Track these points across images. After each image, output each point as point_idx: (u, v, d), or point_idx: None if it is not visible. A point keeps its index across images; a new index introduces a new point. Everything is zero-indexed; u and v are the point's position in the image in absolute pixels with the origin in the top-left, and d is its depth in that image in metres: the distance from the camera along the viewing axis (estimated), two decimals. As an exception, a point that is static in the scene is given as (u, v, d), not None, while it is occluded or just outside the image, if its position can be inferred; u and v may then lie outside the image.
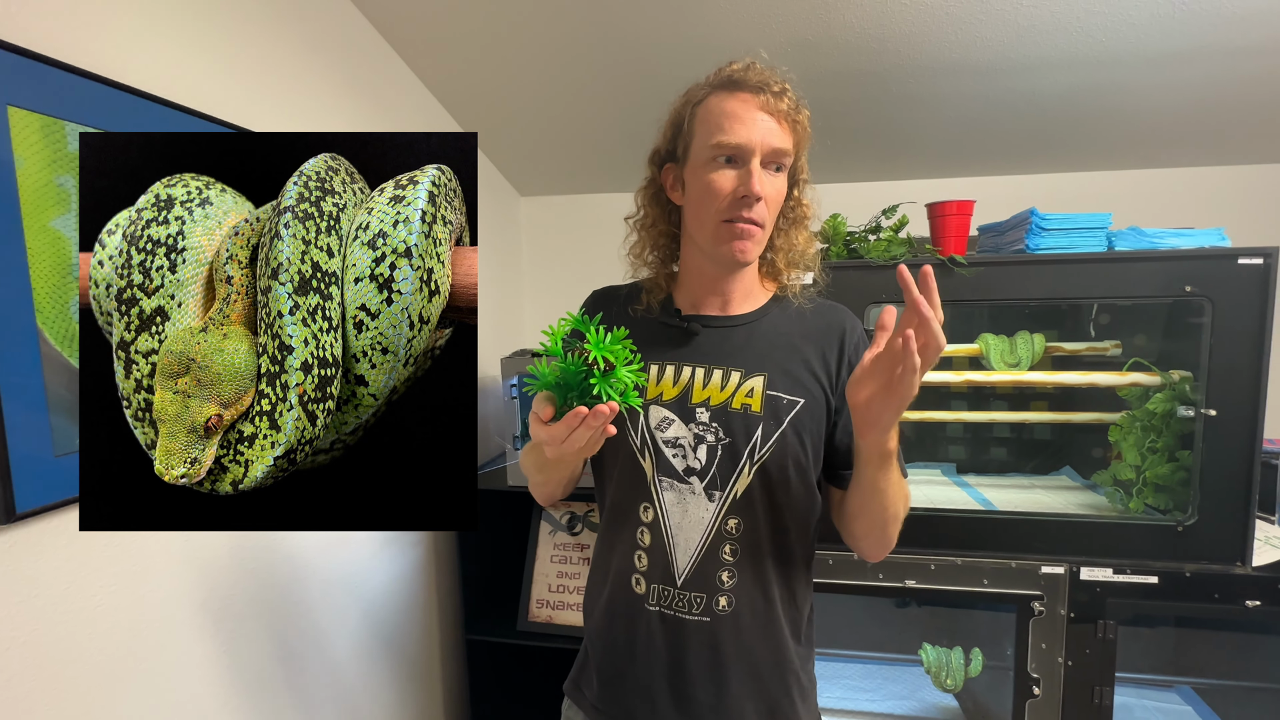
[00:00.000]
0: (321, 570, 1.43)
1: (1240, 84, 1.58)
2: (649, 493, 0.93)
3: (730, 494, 0.90)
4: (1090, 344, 1.73)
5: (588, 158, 2.11)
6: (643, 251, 1.01)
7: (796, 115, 0.88)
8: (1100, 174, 2.00)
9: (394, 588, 1.70)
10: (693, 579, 0.91)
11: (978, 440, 2.03)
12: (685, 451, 0.92)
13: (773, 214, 0.90)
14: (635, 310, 1.00)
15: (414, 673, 1.80)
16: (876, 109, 1.75)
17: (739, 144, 0.85)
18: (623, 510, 0.96)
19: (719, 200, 0.87)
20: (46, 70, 0.87)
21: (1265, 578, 1.43)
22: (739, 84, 0.88)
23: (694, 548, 0.91)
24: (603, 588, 0.99)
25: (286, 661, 1.33)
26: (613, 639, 0.97)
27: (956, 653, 1.67)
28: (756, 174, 0.85)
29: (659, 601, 0.92)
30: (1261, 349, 1.38)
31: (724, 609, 0.90)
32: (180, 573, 1.09)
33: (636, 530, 0.94)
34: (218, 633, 1.16)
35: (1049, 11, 1.39)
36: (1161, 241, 1.44)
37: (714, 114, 0.88)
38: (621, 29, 1.51)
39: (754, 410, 0.91)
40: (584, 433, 0.70)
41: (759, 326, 0.96)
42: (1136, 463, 1.57)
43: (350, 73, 1.47)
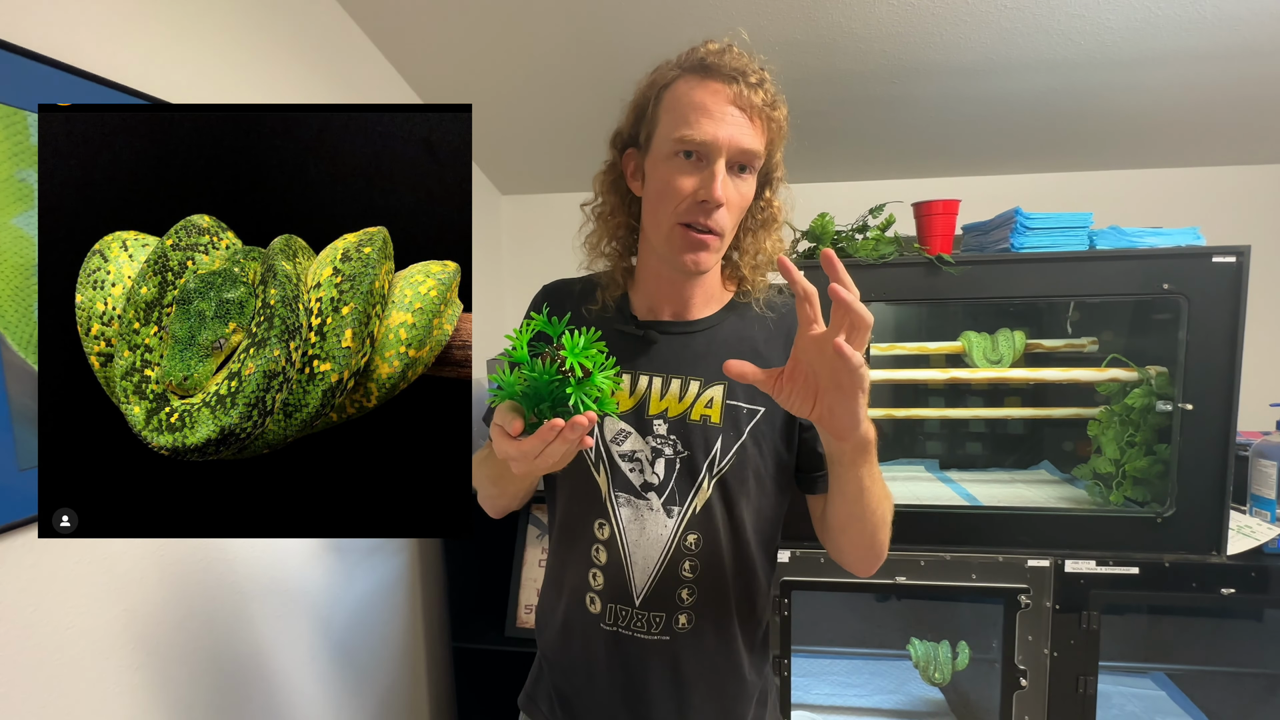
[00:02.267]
0: (299, 581, 1.39)
1: (1214, 88, 1.64)
2: (604, 509, 0.88)
3: (690, 509, 0.86)
4: (1068, 341, 1.77)
5: (570, 156, 2.10)
6: (599, 242, 0.94)
7: (772, 111, 0.81)
8: (1079, 174, 2.05)
9: (378, 595, 1.67)
10: (651, 598, 0.86)
11: (955, 436, 2.06)
12: (642, 466, 0.87)
13: (735, 219, 0.84)
14: (590, 310, 0.94)
15: (398, 683, 1.76)
16: (863, 109, 1.77)
17: (703, 141, 0.78)
18: (576, 527, 0.91)
19: (676, 200, 0.81)
20: (6, 56, 0.81)
21: (1239, 566, 1.47)
22: (711, 70, 0.80)
23: (652, 566, 0.86)
24: (556, 605, 0.95)
25: (267, 671, 1.29)
26: (569, 659, 0.93)
27: (944, 646, 1.69)
28: (719, 177, 0.78)
29: (615, 621, 0.88)
30: (1235, 344, 1.43)
31: (684, 627, 0.87)
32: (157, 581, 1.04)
33: (591, 547, 0.89)
34: (194, 635, 1.12)
35: (1031, 15, 1.42)
36: (1140, 240, 1.48)
37: (680, 103, 0.80)
38: (604, 26, 1.50)
39: (713, 421, 0.86)
40: (560, 446, 0.64)
41: (719, 332, 0.91)
42: (1116, 456, 1.61)
43: (326, 66, 1.44)
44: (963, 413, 1.85)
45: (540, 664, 1.01)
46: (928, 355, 1.76)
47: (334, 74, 1.46)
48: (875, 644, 2.04)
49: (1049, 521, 1.56)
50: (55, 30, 0.88)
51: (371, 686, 1.63)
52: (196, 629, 1.10)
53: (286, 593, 1.33)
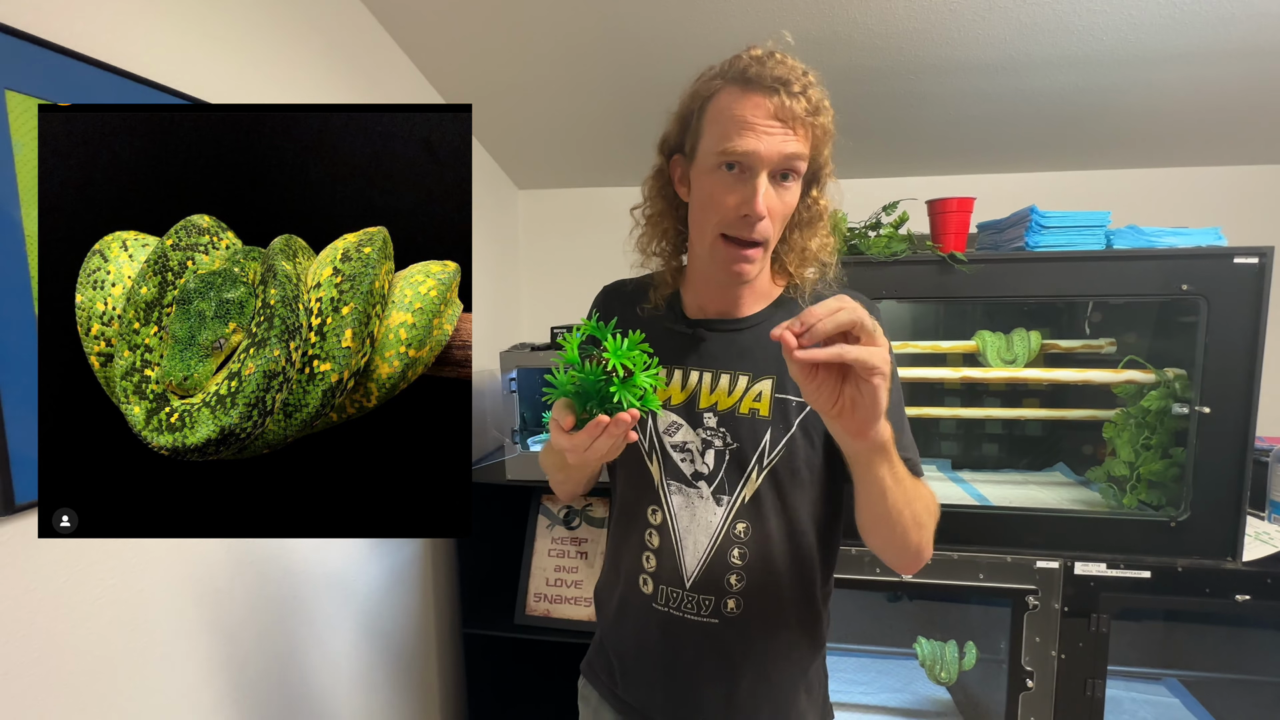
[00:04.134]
0: (315, 565, 1.42)
1: (1237, 86, 1.60)
2: (657, 496, 0.92)
3: (738, 499, 0.89)
4: (1085, 341, 1.74)
5: (587, 152, 2.10)
6: (649, 244, 0.97)
7: (816, 117, 0.81)
8: (1097, 173, 2.01)
9: (390, 582, 1.69)
10: (701, 581, 0.90)
11: (970, 437, 2.04)
12: (693, 456, 0.91)
13: (780, 226, 0.85)
14: (643, 309, 0.98)
15: (410, 668, 1.79)
16: (880, 106, 1.75)
17: (746, 153, 0.79)
18: (631, 511, 0.96)
19: (720, 213, 0.83)
20: (43, 53, 0.84)
21: (1255, 573, 1.45)
22: (753, 82, 0.80)
23: (702, 551, 0.90)
24: (615, 584, 0.99)
25: (280, 657, 1.32)
26: (623, 636, 0.98)
27: (950, 646, 1.68)
28: (762, 190, 0.80)
29: (667, 603, 0.92)
30: (1255, 347, 1.40)
31: (732, 611, 0.89)
32: (175, 568, 1.07)
33: (645, 531, 0.94)
34: (211, 628, 1.15)
35: (1051, 10, 1.39)
36: (1159, 240, 1.45)
37: (723, 115, 0.81)
38: (624, 21, 1.49)
39: (762, 414, 0.89)
40: (605, 441, 0.71)
41: (766, 328, 0.91)
42: (1131, 459, 1.58)
43: (345, 60, 1.45)
44: (976, 412, 1.83)
45: (600, 638, 1.05)
46: (943, 354, 1.74)
47: (350, 68, 1.47)
48: (883, 642, 2.04)
49: (1059, 523, 1.54)
50: (84, 27, 0.90)
51: (384, 670, 1.66)
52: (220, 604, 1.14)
53: (301, 574, 1.36)
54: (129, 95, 0.96)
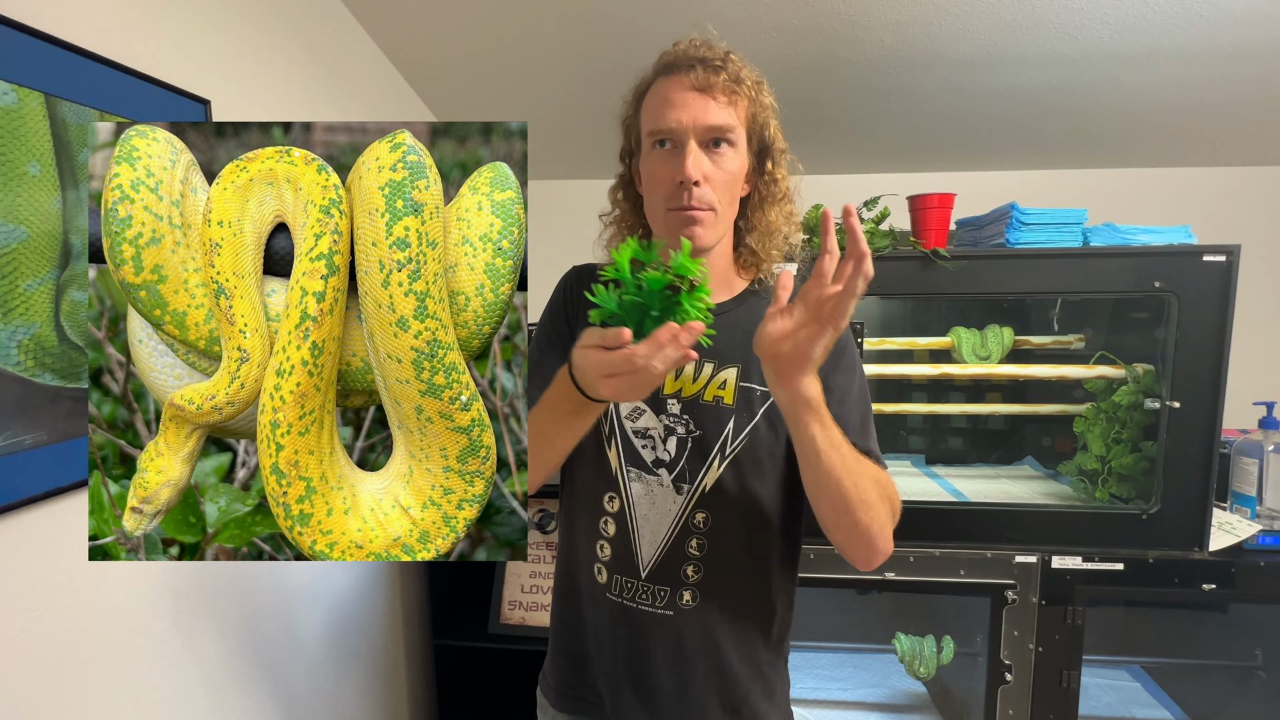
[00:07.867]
0: (282, 574, 1.34)
1: (1207, 88, 1.63)
2: (615, 483, 0.91)
3: (699, 487, 0.88)
4: (1056, 337, 1.77)
5: (588, 141, 2.04)
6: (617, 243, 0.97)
7: (737, 86, 0.83)
8: (1074, 172, 2.04)
9: (358, 592, 1.61)
10: (657, 572, 0.89)
11: (938, 431, 2.06)
12: (655, 443, 0.90)
13: (724, 194, 0.85)
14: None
15: (378, 679, 1.71)
16: (860, 99, 1.74)
17: (670, 128, 0.82)
18: (587, 499, 0.93)
19: (661, 189, 0.84)
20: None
21: (1220, 562, 1.49)
22: (672, 65, 0.85)
23: (659, 540, 0.89)
24: (565, 573, 0.98)
25: (245, 671, 1.24)
26: (575, 626, 0.96)
27: (929, 641, 1.69)
28: (691, 155, 0.81)
29: (621, 593, 0.91)
30: (1223, 342, 1.44)
31: (688, 603, 0.89)
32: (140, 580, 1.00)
33: (600, 519, 0.92)
34: (177, 641, 1.08)
35: (1030, 6, 1.40)
36: (1133, 238, 1.48)
37: (652, 102, 0.86)
38: (608, 12, 1.46)
39: (726, 403, 0.88)
40: (674, 352, 0.62)
41: (733, 317, 0.91)
42: (1102, 453, 1.61)
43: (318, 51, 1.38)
44: (951, 408, 1.84)
45: (552, 642, 1.02)
46: (913, 350, 1.74)
47: (327, 66, 1.41)
48: (859, 638, 2.04)
49: (1035, 517, 1.56)
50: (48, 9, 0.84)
51: (349, 685, 1.58)
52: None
53: (259, 589, 1.28)
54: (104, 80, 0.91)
